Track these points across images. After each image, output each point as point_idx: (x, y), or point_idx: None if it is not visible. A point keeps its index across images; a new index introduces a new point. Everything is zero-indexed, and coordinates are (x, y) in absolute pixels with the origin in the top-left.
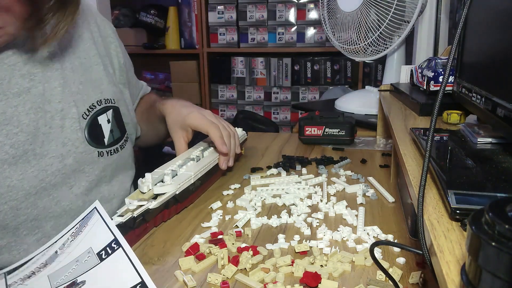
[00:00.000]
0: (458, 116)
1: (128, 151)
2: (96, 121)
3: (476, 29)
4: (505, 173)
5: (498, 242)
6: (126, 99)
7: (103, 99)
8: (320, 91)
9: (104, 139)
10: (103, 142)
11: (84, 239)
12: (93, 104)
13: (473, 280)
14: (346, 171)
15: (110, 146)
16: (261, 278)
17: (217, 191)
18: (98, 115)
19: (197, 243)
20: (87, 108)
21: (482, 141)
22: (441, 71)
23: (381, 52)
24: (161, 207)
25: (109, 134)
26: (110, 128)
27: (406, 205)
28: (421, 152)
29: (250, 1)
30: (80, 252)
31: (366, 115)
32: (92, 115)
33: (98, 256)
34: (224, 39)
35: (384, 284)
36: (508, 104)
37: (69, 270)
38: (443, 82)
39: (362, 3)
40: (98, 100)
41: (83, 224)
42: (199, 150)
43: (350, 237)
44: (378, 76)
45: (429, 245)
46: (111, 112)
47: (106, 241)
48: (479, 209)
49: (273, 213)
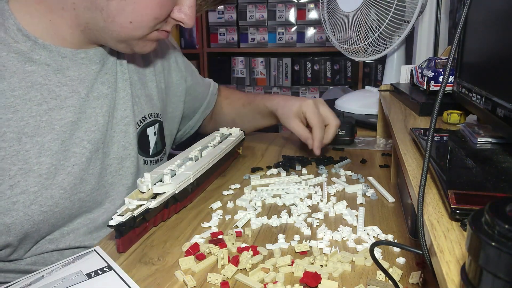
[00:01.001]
0: (458, 116)
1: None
2: (145, 132)
3: (476, 29)
4: (505, 173)
5: (498, 242)
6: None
7: (153, 113)
8: (320, 91)
9: (149, 149)
10: (148, 151)
11: (74, 266)
12: (145, 116)
13: (473, 280)
14: (346, 171)
15: (154, 156)
16: (261, 278)
17: (217, 191)
18: (147, 127)
19: (197, 243)
20: (140, 119)
21: (482, 141)
22: (441, 71)
23: (381, 52)
24: (160, 207)
25: (153, 145)
26: (155, 140)
27: (406, 205)
28: (421, 152)
29: (250, 1)
30: (68, 273)
31: (366, 115)
32: (143, 126)
33: (87, 275)
34: (224, 39)
35: (384, 284)
36: (508, 104)
37: (53, 285)
38: (443, 82)
39: (362, 3)
40: (149, 113)
41: (78, 258)
42: (197, 150)
43: (350, 237)
44: (378, 76)
45: (429, 245)
46: (158, 125)
47: (97, 266)
48: (479, 209)
49: (273, 213)
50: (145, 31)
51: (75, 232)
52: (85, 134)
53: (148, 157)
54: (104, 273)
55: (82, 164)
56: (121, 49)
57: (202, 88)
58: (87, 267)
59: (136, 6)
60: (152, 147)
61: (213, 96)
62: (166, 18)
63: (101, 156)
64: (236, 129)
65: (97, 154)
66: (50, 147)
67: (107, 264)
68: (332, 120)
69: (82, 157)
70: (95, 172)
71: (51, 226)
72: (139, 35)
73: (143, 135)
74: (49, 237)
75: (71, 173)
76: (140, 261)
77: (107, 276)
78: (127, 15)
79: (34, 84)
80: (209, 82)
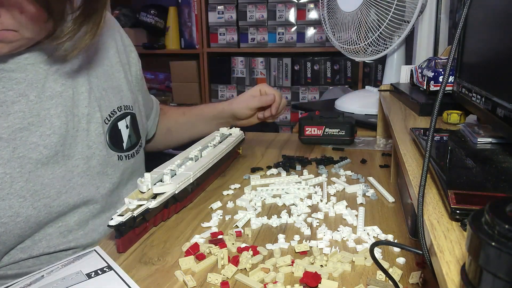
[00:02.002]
0: (458, 116)
1: (141, 156)
2: (116, 126)
3: (476, 29)
4: (505, 173)
5: (498, 242)
6: (140, 106)
7: (122, 106)
8: (320, 91)
9: (123, 143)
10: (122, 146)
11: (74, 266)
12: (114, 110)
13: (473, 280)
14: (346, 171)
15: (128, 150)
16: (261, 278)
17: (217, 191)
18: (118, 121)
19: (197, 243)
20: (109, 114)
21: (482, 141)
22: (441, 71)
23: (381, 52)
24: (160, 207)
25: (127, 139)
26: (128, 133)
27: (406, 205)
28: (421, 152)
29: (250, 1)
30: (68, 273)
31: (366, 115)
32: (113, 121)
33: (87, 275)
34: (224, 39)
35: (384, 284)
36: (508, 104)
37: (53, 285)
38: (443, 82)
39: (362, 3)
40: (119, 106)
41: (78, 258)
42: (197, 150)
43: (350, 237)
44: (378, 76)
45: (429, 245)
46: (129, 118)
47: (97, 266)
48: (479, 209)
49: (273, 213)
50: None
51: (47, 238)
52: (40, 139)
53: (122, 152)
54: (104, 273)
55: (40, 169)
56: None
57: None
58: (87, 267)
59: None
60: (125, 141)
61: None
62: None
63: (62, 159)
64: (236, 129)
65: (56, 158)
66: (2, 155)
67: (107, 264)
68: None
69: (38, 163)
70: (57, 175)
71: (18, 236)
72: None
73: (114, 130)
74: (20, 246)
75: (29, 179)
76: (140, 261)
77: (107, 276)
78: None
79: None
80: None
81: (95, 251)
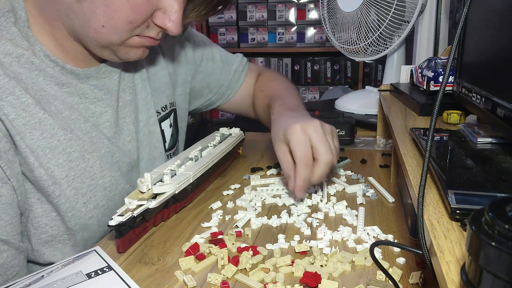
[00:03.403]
0: (458, 116)
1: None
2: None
3: (476, 29)
4: (505, 173)
5: (498, 242)
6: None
7: (168, 104)
8: (320, 91)
9: (165, 144)
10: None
11: (74, 266)
12: (158, 110)
13: (473, 280)
14: (346, 171)
15: (169, 150)
16: (261, 278)
17: (217, 191)
18: (161, 121)
19: (197, 243)
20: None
21: (482, 141)
22: (441, 71)
23: (381, 52)
24: (160, 207)
25: (169, 139)
26: (171, 132)
27: (406, 205)
28: (421, 152)
29: (250, 1)
30: (68, 273)
31: (366, 115)
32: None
33: (87, 275)
34: (224, 39)
35: (384, 284)
36: (508, 104)
37: (53, 285)
38: (443, 82)
39: (362, 3)
40: (163, 106)
41: (77, 259)
42: (197, 150)
43: (350, 237)
44: (378, 76)
45: (429, 245)
46: (173, 115)
47: (97, 266)
48: (479, 209)
49: (273, 213)
50: (122, 36)
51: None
52: (124, 145)
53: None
54: (104, 273)
55: (130, 171)
56: (107, 57)
57: (221, 65)
58: (87, 267)
59: (107, 9)
60: (168, 141)
61: (236, 74)
62: (144, 22)
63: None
64: (236, 129)
65: (137, 161)
66: (107, 160)
67: (107, 264)
68: (322, 154)
69: (129, 167)
70: (136, 178)
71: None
72: (116, 41)
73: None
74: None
75: (127, 182)
76: (140, 261)
77: (107, 276)
78: (99, 18)
79: (73, 104)
80: (232, 60)
81: (95, 251)
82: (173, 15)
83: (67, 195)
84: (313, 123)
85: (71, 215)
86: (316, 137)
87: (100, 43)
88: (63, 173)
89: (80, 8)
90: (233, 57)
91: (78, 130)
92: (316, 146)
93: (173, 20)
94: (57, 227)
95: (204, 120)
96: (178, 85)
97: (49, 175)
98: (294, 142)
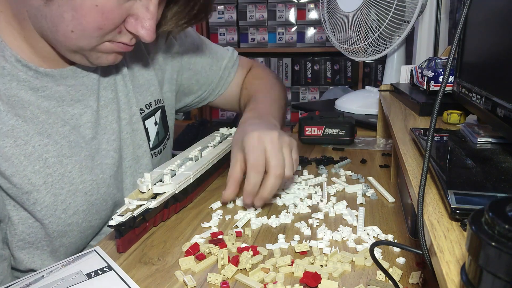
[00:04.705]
0: (458, 116)
1: (169, 148)
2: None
3: (476, 29)
4: (505, 173)
5: (498, 242)
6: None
7: (153, 101)
8: (320, 91)
9: (149, 142)
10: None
11: (74, 266)
12: (142, 108)
13: (473, 280)
14: (346, 171)
15: (154, 148)
16: (261, 278)
17: (217, 191)
18: (145, 119)
19: (197, 243)
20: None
21: (482, 141)
22: (441, 71)
23: (381, 52)
24: (160, 207)
25: (154, 137)
26: (156, 130)
27: (406, 205)
28: (421, 152)
29: (250, 1)
30: (68, 273)
31: (366, 115)
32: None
33: (87, 275)
34: (224, 39)
35: (384, 284)
36: (508, 104)
37: (53, 285)
38: (443, 82)
39: (362, 3)
40: (147, 104)
41: (77, 258)
42: (197, 150)
43: (350, 237)
44: (378, 76)
45: (429, 245)
46: (159, 113)
47: (97, 266)
48: (479, 209)
49: (273, 213)
50: (92, 42)
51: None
52: (108, 145)
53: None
54: (104, 273)
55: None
56: (78, 61)
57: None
58: (87, 267)
59: (76, 14)
60: (152, 139)
61: (226, 71)
62: (115, 28)
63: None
64: (235, 129)
65: (120, 161)
66: (87, 164)
67: (107, 264)
68: (272, 167)
69: (113, 167)
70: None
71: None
72: (86, 46)
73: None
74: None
75: (110, 184)
76: (140, 261)
77: (107, 276)
78: (67, 23)
79: (50, 108)
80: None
81: (95, 251)
82: (146, 22)
83: (45, 202)
84: (271, 134)
85: (48, 222)
86: (271, 149)
87: (70, 48)
88: (41, 179)
89: (48, 10)
90: (223, 52)
91: (56, 134)
92: (267, 158)
93: (146, 27)
94: (34, 234)
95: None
96: (165, 82)
97: (26, 182)
98: (248, 149)
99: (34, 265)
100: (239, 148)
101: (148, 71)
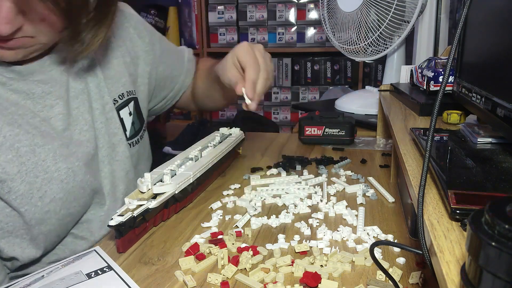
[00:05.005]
0: (458, 116)
1: (146, 140)
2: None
3: (476, 29)
4: (505, 173)
5: (498, 242)
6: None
7: (125, 92)
8: (320, 91)
9: (126, 132)
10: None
11: (74, 266)
12: (115, 98)
13: (473, 280)
14: (346, 171)
15: (132, 138)
16: (261, 278)
17: (217, 191)
18: (119, 109)
19: (197, 243)
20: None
21: (482, 141)
22: (441, 71)
23: (381, 52)
24: (160, 207)
25: (130, 127)
26: (132, 120)
27: (406, 205)
28: (421, 152)
29: (250, 1)
30: (68, 273)
31: (366, 115)
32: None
33: (87, 275)
34: (224, 39)
35: (384, 284)
36: (508, 104)
37: (53, 285)
38: (443, 82)
39: (362, 3)
40: (120, 94)
41: (77, 258)
42: (197, 150)
43: (350, 237)
44: (378, 76)
45: (429, 245)
46: (133, 104)
47: (97, 266)
48: (479, 209)
49: (273, 213)
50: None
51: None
52: (81, 135)
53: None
54: (104, 273)
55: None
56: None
57: (175, 55)
58: (87, 267)
59: None
60: (129, 129)
61: (190, 62)
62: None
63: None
64: (236, 129)
65: (96, 150)
66: (61, 152)
67: (107, 264)
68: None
69: (89, 156)
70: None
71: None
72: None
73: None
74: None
75: (86, 172)
76: (140, 261)
77: (107, 276)
78: None
79: (19, 101)
80: (183, 49)
81: (95, 251)
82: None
83: (20, 190)
84: (258, 45)
85: (25, 210)
86: (259, 50)
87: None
88: (15, 168)
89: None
90: (181, 47)
91: (26, 124)
92: (259, 56)
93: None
94: (12, 222)
95: (204, 120)
96: (138, 75)
97: (0, 171)
98: (243, 52)
99: (15, 253)
100: (231, 67)
101: (118, 62)
